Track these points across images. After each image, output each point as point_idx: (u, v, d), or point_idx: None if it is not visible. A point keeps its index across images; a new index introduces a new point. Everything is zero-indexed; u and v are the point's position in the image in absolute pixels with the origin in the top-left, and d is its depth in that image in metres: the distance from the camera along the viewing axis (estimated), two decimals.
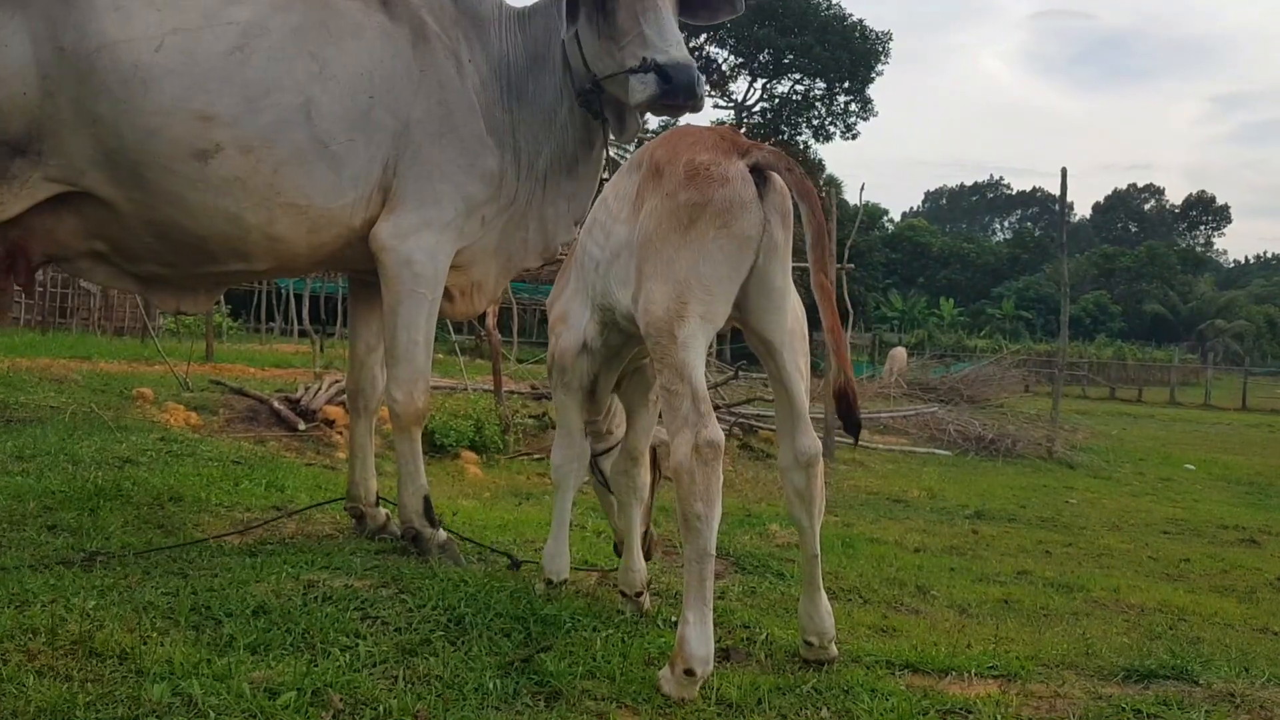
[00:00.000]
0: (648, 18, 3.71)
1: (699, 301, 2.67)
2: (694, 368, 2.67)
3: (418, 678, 2.61)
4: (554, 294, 3.57)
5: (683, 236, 2.68)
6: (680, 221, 2.69)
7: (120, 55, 3.56)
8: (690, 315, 2.66)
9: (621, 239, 2.96)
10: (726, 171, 2.70)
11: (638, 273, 2.80)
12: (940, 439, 13.87)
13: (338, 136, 3.77)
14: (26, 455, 5.59)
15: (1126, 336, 50.27)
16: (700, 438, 2.61)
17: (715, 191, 2.67)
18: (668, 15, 3.74)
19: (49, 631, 2.63)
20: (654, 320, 2.70)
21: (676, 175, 2.73)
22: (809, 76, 50.18)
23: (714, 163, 2.71)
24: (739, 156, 2.74)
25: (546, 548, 3.56)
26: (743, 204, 2.68)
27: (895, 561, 5.84)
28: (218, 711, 2.27)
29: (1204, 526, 8.95)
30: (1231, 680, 3.07)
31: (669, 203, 2.72)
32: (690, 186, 2.69)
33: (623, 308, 2.99)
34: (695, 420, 2.63)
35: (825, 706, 2.65)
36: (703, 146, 2.77)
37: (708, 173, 2.69)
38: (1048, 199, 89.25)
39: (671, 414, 2.68)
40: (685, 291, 2.66)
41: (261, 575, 3.38)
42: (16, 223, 3.71)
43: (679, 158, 2.75)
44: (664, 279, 2.69)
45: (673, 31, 3.73)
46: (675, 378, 2.67)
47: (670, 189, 2.73)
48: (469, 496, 7.03)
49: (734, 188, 2.68)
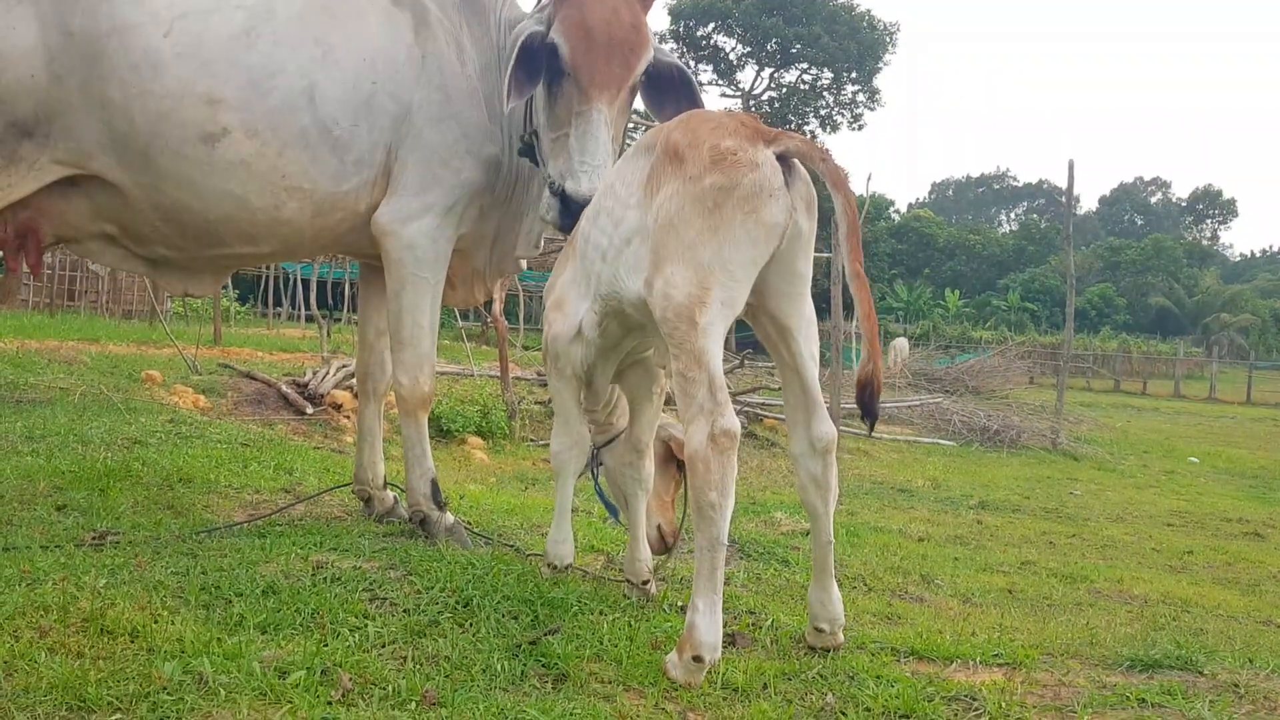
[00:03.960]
0: (578, 125, 3.57)
1: (722, 287, 2.65)
2: (712, 355, 2.66)
3: (426, 658, 2.63)
4: (551, 281, 3.56)
5: (707, 220, 2.65)
6: (705, 205, 2.65)
7: (130, 39, 3.57)
8: (712, 301, 2.64)
9: (633, 224, 2.92)
10: (755, 157, 2.68)
11: (653, 256, 2.77)
12: (945, 429, 13.87)
13: (341, 121, 3.78)
14: (36, 436, 5.62)
15: (1131, 329, 50.08)
16: (716, 426, 2.60)
17: (744, 176, 2.65)
18: (598, 128, 3.55)
19: (60, 609, 2.65)
20: (673, 305, 2.67)
21: (700, 159, 2.69)
22: (816, 66, 49.96)
23: (740, 148, 2.68)
24: (765, 144, 2.72)
25: (550, 535, 3.57)
26: (771, 190, 2.66)
27: (900, 550, 5.85)
28: (228, 690, 2.30)
29: (1208, 519, 8.94)
30: (1236, 671, 3.08)
31: (693, 186, 2.68)
32: (716, 170, 2.66)
33: (632, 295, 2.94)
34: (712, 408, 2.62)
35: (831, 692, 2.66)
36: (726, 131, 2.73)
37: (735, 158, 2.66)
38: (1054, 191, 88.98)
39: (687, 401, 2.66)
40: (709, 276, 2.64)
41: (270, 556, 3.41)
42: (26, 204, 3.74)
43: (702, 142, 2.72)
44: (686, 263, 2.66)
45: (595, 151, 3.54)
46: (693, 364, 2.65)
47: (694, 172, 2.69)
48: (475, 481, 7.05)
49: (763, 174, 2.66)
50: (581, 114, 3.56)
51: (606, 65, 3.56)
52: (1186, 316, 53.30)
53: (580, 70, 3.56)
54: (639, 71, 3.66)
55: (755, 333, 3.00)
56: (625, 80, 3.62)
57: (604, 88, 3.56)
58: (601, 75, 3.56)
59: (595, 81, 3.55)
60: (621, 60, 3.59)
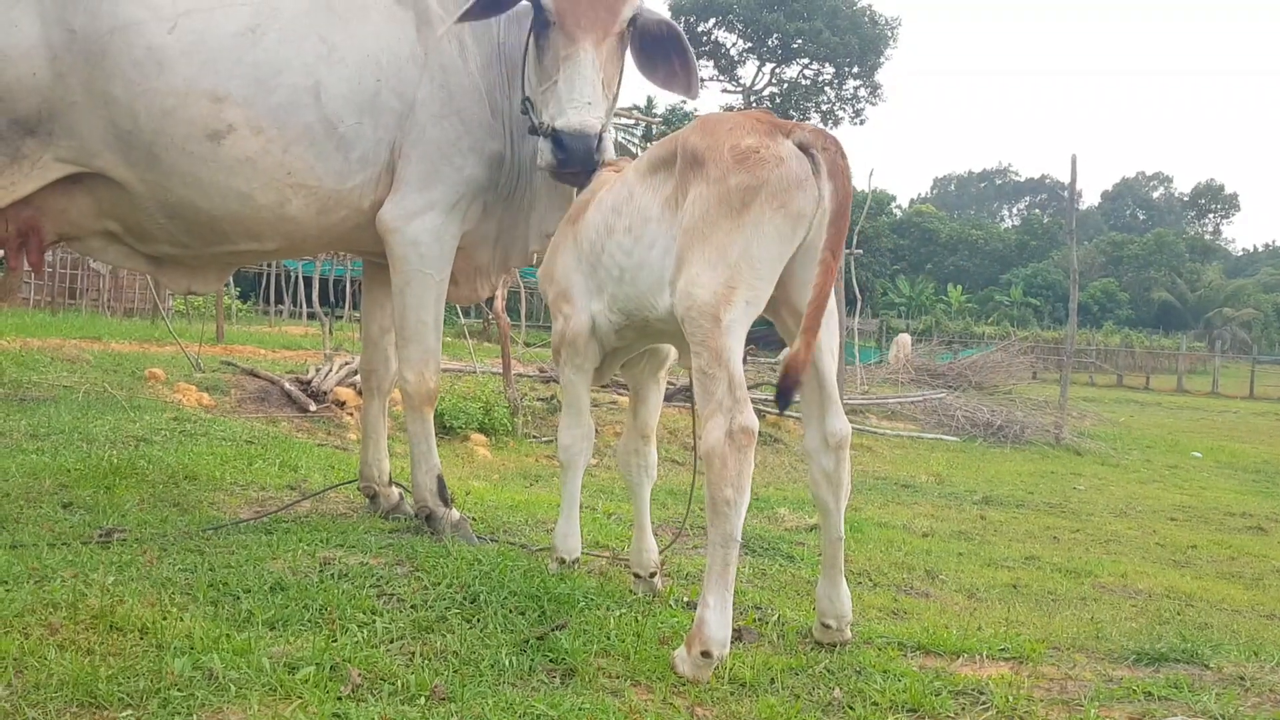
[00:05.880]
0: (565, 67, 3.59)
1: (748, 286, 2.65)
2: (734, 352, 2.65)
3: (434, 654, 2.63)
4: (545, 269, 3.52)
5: (735, 220, 2.64)
6: (732, 206, 2.64)
7: (134, 37, 3.56)
8: (737, 300, 2.64)
9: (653, 238, 2.90)
10: (779, 152, 2.67)
11: (678, 261, 2.75)
12: (948, 425, 13.86)
13: (346, 118, 3.78)
14: (41, 434, 5.63)
15: (1134, 324, 50.05)
16: (735, 423, 2.60)
17: (771, 173, 2.64)
18: (585, 67, 3.57)
19: (70, 606, 2.66)
20: (697, 304, 2.66)
21: (723, 161, 2.68)
22: (818, 61, 49.92)
23: (762, 145, 2.68)
24: (784, 136, 2.72)
25: (557, 528, 3.57)
26: (799, 182, 2.66)
27: (904, 546, 5.86)
28: (238, 685, 2.30)
29: (1211, 513, 8.95)
30: (1241, 664, 3.08)
31: (717, 188, 2.67)
32: (741, 170, 2.65)
33: (661, 312, 2.91)
34: (731, 405, 2.62)
35: (838, 687, 2.67)
36: (744, 130, 2.73)
37: (758, 155, 2.65)
38: (1056, 186, 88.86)
39: (706, 398, 2.66)
40: (735, 276, 2.63)
41: (278, 552, 3.42)
42: (29, 202, 3.73)
43: (721, 143, 2.71)
44: (712, 264, 2.65)
45: (584, 88, 3.56)
46: (714, 361, 2.64)
47: (718, 174, 2.68)
48: (479, 478, 7.06)
49: (790, 167, 2.66)
50: (568, 56, 3.60)
51: (590, 7, 3.61)
52: (1189, 311, 53.25)
53: (564, 14, 3.60)
54: (624, 16, 3.68)
55: (775, 326, 2.98)
56: (610, 24, 3.65)
57: (589, 29, 3.60)
58: (586, 17, 3.60)
59: (580, 23, 3.59)
60: (606, 4, 3.63)
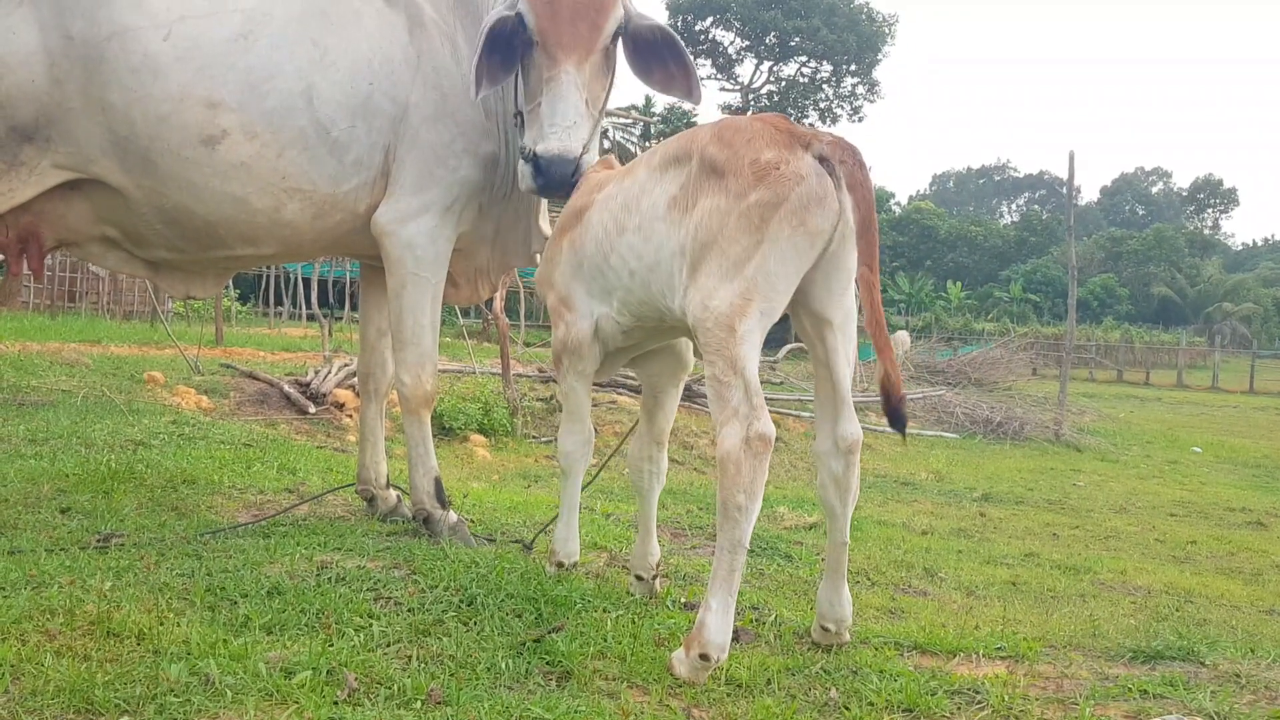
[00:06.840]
0: (548, 90, 3.58)
1: (763, 298, 2.64)
2: (749, 360, 2.65)
3: (431, 657, 2.64)
4: (543, 272, 3.50)
5: (753, 237, 2.62)
6: (751, 222, 2.62)
7: (130, 43, 3.57)
8: (753, 311, 2.63)
9: (662, 241, 2.88)
10: (799, 169, 2.64)
11: (690, 270, 2.74)
12: (948, 421, 13.87)
13: (339, 122, 3.79)
14: (39, 438, 5.63)
15: (1134, 319, 50.02)
16: (751, 430, 2.60)
17: (791, 190, 2.62)
18: (568, 90, 3.55)
19: (67, 612, 2.66)
20: (713, 314, 2.66)
21: (743, 175, 2.65)
22: (815, 59, 49.95)
23: (782, 159, 2.65)
24: (804, 149, 2.68)
25: (556, 531, 3.58)
26: (819, 200, 2.63)
27: (903, 543, 5.86)
28: (235, 690, 2.30)
29: (1211, 509, 8.95)
30: (1237, 661, 3.08)
31: (737, 203, 2.64)
32: (761, 186, 2.63)
33: (676, 311, 2.89)
34: (747, 412, 2.62)
35: (834, 687, 2.67)
36: (764, 142, 2.69)
37: (779, 171, 2.63)
38: (1055, 182, 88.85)
39: (721, 405, 2.66)
40: (752, 289, 2.63)
41: (275, 557, 3.42)
42: (27, 208, 3.74)
43: (741, 156, 2.68)
44: (728, 276, 2.64)
45: (565, 112, 3.55)
46: (729, 370, 2.64)
47: (737, 189, 2.65)
48: (478, 479, 7.07)
49: (810, 184, 2.63)
50: (551, 79, 3.58)
51: (572, 27, 3.58)
52: (1189, 306, 53.24)
53: (546, 35, 3.58)
54: (608, 32, 3.65)
55: (794, 327, 2.98)
56: (593, 42, 3.62)
57: (570, 49, 3.57)
58: (567, 37, 3.57)
59: (561, 44, 3.57)
60: (588, 21, 3.60)
